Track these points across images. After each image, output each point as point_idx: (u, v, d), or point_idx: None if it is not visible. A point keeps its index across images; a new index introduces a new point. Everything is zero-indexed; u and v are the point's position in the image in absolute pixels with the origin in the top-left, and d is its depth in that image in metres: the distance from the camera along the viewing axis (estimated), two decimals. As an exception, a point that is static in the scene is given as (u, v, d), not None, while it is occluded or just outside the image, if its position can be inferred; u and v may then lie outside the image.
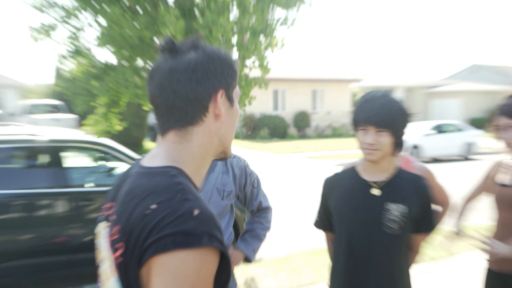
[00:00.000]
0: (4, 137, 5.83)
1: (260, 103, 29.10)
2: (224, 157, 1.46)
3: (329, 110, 32.92)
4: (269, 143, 26.03)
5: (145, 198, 1.22)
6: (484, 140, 21.81)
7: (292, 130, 30.71)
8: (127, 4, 5.10)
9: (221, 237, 1.20)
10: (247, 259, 3.03)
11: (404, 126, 2.43)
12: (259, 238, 3.09)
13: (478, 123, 33.16)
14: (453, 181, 13.35)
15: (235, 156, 2.91)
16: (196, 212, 1.17)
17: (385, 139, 2.36)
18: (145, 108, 6.03)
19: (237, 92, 1.42)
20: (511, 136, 2.94)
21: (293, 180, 14.40)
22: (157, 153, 1.36)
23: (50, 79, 33.91)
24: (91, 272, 5.73)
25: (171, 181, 1.27)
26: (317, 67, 35.75)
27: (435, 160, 20.27)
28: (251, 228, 3.11)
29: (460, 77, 48.79)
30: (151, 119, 24.84)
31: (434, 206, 2.57)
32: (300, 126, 31.15)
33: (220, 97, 1.33)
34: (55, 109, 25.82)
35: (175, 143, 1.34)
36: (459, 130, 21.48)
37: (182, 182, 1.28)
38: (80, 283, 5.55)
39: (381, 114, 2.35)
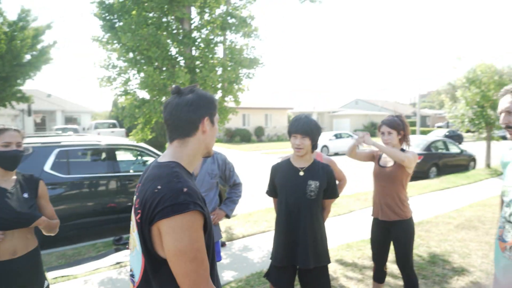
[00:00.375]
0: (82, 141, 5.79)
1: (234, 122, 29.28)
2: (208, 155, 1.41)
3: (275, 125, 33.04)
4: (240, 145, 25.89)
5: (154, 181, 1.22)
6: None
7: (254, 138, 30.72)
8: (156, 64, 5.11)
9: (202, 204, 1.19)
10: (227, 216, 2.95)
11: (317, 134, 2.43)
12: (234, 202, 3.02)
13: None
14: (348, 166, 13.51)
15: (218, 153, 2.86)
16: (185, 189, 1.17)
17: (307, 142, 2.37)
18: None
19: (216, 117, 1.40)
20: (388, 138, 2.90)
21: (254, 167, 14.30)
22: (166, 153, 1.35)
23: (109, 106, 33.07)
24: (128, 225, 5.75)
25: (170, 171, 1.26)
26: (268, 99, 35.72)
27: (336, 154, 20.53)
28: (229, 196, 3.03)
29: (349, 106, 49.52)
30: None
31: (336, 182, 2.56)
32: (258, 135, 31.22)
33: (206, 120, 1.32)
34: (112, 125, 25.26)
35: (177, 147, 1.33)
36: (350, 136, 21.85)
37: (178, 171, 1.27)
38: (121, 233, 5.46)
39: (304, 127, 2.36)
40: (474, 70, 12.10)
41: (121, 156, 6.53)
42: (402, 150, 2.92)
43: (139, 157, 6.71)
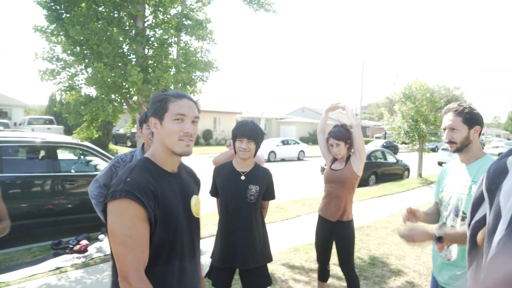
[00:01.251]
0: (13, 138, 5.34)
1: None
2: (176, 154, 1.39)
3: (224, 129, 33.00)
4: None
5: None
6: (308, 149, 23.13)
7: (202, 141, 30.40)
8: (106, 61, 4.89)
9: (141, 196, 1.23)
10: None
11: (262, 140, 2.51)
12: None
13: (305, 140, 35.28)
14: (292, 172, 13.93)
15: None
16: (128, 179, 1.26)
17: (252, 146, 2.43)
18: (114, 123, 5.76)
19: (168, 114, 1.36)
20: (337, 150, 3.02)
21: (201, 171, 14.13)
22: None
23: (45, 101, 30.77)
24: (68, 228, 5.41)
25: (132, 164, 1.38)
26: (217, 103, 35.55)
27: (283, 160, 21.04)
28: None
29: (295, 113, 50.84)
30: (115, 130, 23.43)
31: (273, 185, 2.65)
32: (207, 138, 30.96)
33: (152, 120, 1.40)
34: (49, 122, 23.50)
35: (151, 146, 1.46)
36: (296, 143, 22.59)
37: (137, 164, 1.35)
38: (60, 237, 5.14)
39: (251, 132, 2.41)
40: (410, 87, 13.16)
41: (62, 155, 6.13)
42: (349, 157, 3.08)
43: (82, 157, 6.36)
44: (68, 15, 4.86)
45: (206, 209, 7.22)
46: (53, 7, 4.99)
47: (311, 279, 4.00)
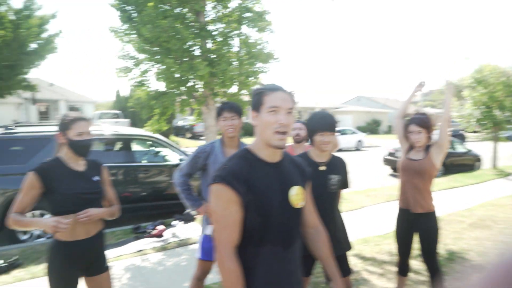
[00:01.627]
0: (103, 131, 5.71)
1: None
2: (271, 146, 1.43)
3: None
4: (244, 139, 25.72)
5: None
6: (367, 139, 22.33)
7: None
8: (175, 56, 5.11)
9: (232, 180, 1.36)
10: None
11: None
12: None
13: (361, 129, 33.55)
14: (352, 162, 13.56)
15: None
16: (225, 167, 1.43)
17: (333, 138, 2.38)
18: (182, 115, 6.01)
19: (265, 107, 1.41)
20: (417, 138, 2.87)
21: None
22: None
23: (112, 97, 33.03)
24: (145, 214, 5.78)
25: (235, 153, 1.53)
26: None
27: (340, 150, 20.52)
28: None
29: (351, 102, 49.26)
30: (174, 122, 24.54)
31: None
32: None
33: (253, 112, 1.47)
34: (116, 116, 25.20)
35: None
36: (353, 133, 21.90)
37: (238, 154, 1.52)
38: (138, 223, 5.49)
39: (332, 124, 2.35)
40: (481, 71, 12.11)
41: (137, 146, 6.56)
42: (428, 147, 2.92)
43: (153, 148, 6.73)
44: (138, 15, 5.13)
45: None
46: (124, 8, 5.29)
47: (385, 271, 3.90)
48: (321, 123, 2.36)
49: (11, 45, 12.57)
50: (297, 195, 1.48)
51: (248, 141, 2.27)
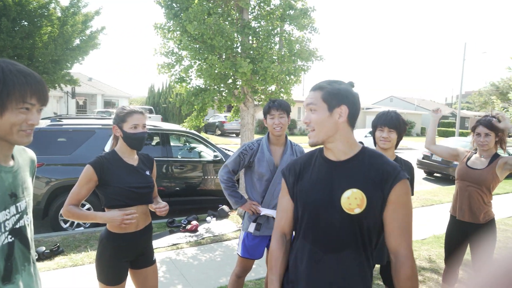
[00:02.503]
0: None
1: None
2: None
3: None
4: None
5: None
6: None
7: (286, 131, 30.56)
8: (219, 53, 5.16)
9: (286, 172, 1.53)
10: None
11: (404, 130, 2.40)
12: None
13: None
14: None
15: (296, 145, 2.82)
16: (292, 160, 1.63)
17: (394, 136, 2.35)
18: (220, 112, 6.07)
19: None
20: (485, 141, 2.76)
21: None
22: None
23: (145, 92, 33.91)
24: (180, 208, 5.91)
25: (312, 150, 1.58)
26: (300, 92, 35.04)
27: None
28: None
29: (383, 103, 48.53)
30: (205, 120, 24.85)
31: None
32: (291, 128, 30.90)
33: None
34: (148, 111, 25.86)
35: None
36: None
37: (310, 152, 1.57)
38: (173, 217, 5.61)
39: (392, 121, 2.35)
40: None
41: (175, 141, 6.69)
42: (497, 155, 2.80)
43: (188, 143, 6.85)
44: (184, 12, 5.21)
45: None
46: (171, 5, 5.40)
47: (425, 278, 3.78)
48: (381, 118, 2.39)
49: (57, 41, 13.15)
50: (350, 199, 1.34)
51: (294, 139, 2.25)
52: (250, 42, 5.56)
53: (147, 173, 2.21)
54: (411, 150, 21.49)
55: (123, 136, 2.09)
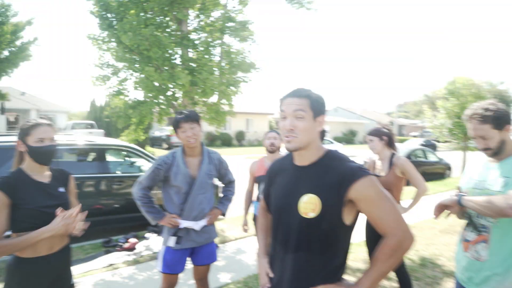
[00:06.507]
0: (73, 141, 5.60)
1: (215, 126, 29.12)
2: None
3: (256, 130, 33.13)
4: (222, 148, 25.69)
5: None
6: (343, 149, 22.75)
7: (235, 142, 30.76)
8: (155, 65, 5.10)
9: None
10: (223, 214, 2.87)
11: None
12: (229, 200, 2.94)
13: (339, 140, 34.99)
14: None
15: (213, 152, 2.79)
16: None
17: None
18: (160, 125, 5.98)
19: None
20: (372, 145, 3.23)
21: (237, 172, 14.21)
22: None
23: (86, 107, 32.33)
24: (117, 227, 5.62)
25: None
26: (249, 104, 35.61)
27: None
28: (225, 194, 2.95)
29: (329, 113, 50.26)
30: (151, 133, 24.18)
31: None
32: (239, 139, 31.33)
33: None
34: (90, 126, 24.64)
35: None
36: (330, 143, 22.46)
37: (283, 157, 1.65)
38: (110, 236, 5.36)
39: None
40: (454, 82, 12.69)
41: (111, 156, 6.42)
42: (393, 156, 3.16)
43: (127, 158, 6.61)
44: (119, 23, 5.11)
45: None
46: (105, 16, 5.27)
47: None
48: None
49: (-19, 52, 12.19)
50: (306, 204, 1.37)
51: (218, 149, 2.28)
52: (190, 53, 5.58)
53: (61, 190, 2.02)
54: (354, 157, 22.60)
55: (28, 150, 1.90)
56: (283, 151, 3.13)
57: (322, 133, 1.65)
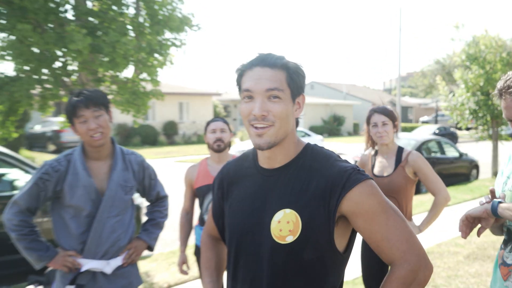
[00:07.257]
0: None
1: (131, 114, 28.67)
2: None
3: (194, 119, 33.13)
4: (142, 149, 25.36)
5: None
6: (324, 144, 23.19)
7: (163, 138, 30.51)
8: (34, 20, 4.96)
9: None
10: (149, 248, 2.85)
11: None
12: (159, 226, 2.93)
13: (317, 130, 35.22)
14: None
15: (132, 153, 2.79)
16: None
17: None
18: (43, 115, 5.83)
19: None
20: (384, 131, 3.22)
21: (167, 182, 14.07)
22: None
23: None
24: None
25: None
26: (183, 81, 35.55)
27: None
28: (152, 218, 2.93)
29: (302, 91, 51.27)
30: (28, 128, 23.36)
31: None
32: (170, 134, 31.11)
33: None
34: None
35: None
36: (306, 135, 22.70)
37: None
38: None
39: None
40: (477, 44, 13.27)
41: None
42: (401, 150, 3.31)
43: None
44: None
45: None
46: None
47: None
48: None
49: None
50: (281, 224, 1.39)
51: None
52: (89, 3, 5.48)
53: None
54: (341, 155, 23.19)
55: None
56: (234, 150, 3.17)
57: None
